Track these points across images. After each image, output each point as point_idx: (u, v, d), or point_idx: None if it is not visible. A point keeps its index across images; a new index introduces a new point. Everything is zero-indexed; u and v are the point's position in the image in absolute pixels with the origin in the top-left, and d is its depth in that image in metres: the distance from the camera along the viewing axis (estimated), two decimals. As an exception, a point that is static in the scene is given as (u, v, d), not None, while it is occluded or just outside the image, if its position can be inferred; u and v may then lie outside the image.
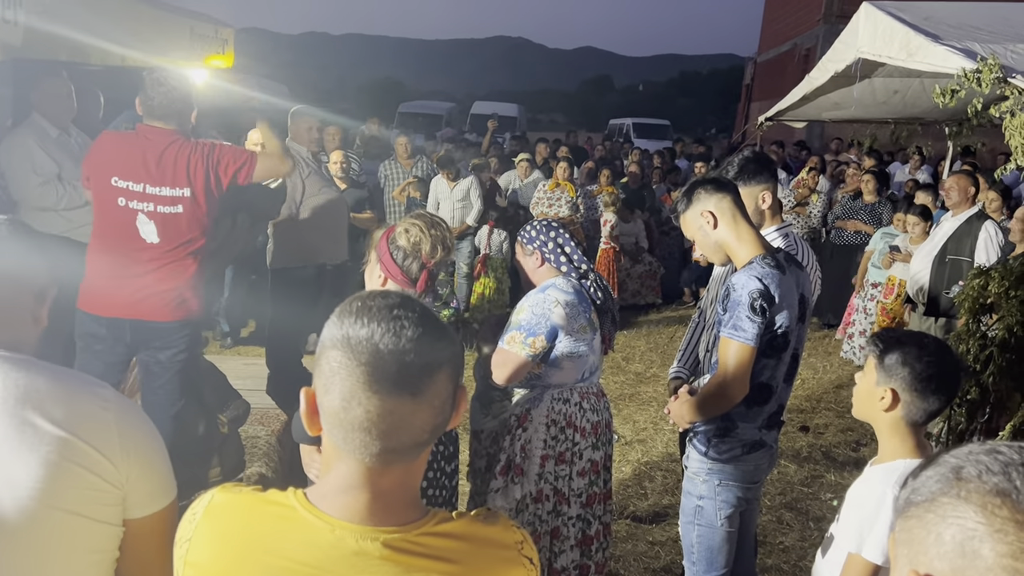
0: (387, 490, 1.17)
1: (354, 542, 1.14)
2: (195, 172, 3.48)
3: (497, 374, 2.99)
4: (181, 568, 1.21)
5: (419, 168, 8.84)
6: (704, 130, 34.32)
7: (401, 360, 1.10)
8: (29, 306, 1.57)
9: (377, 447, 1.12)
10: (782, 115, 8.71)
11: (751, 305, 2.62)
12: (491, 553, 1.22)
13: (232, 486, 1.26)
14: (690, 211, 2.83)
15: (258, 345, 7.16)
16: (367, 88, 69.08)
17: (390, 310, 1.13)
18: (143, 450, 1.50)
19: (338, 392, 1.12)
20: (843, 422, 6.16)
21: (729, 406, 2.73)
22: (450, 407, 1.18)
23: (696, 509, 2.92)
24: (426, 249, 2.47)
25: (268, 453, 4.25)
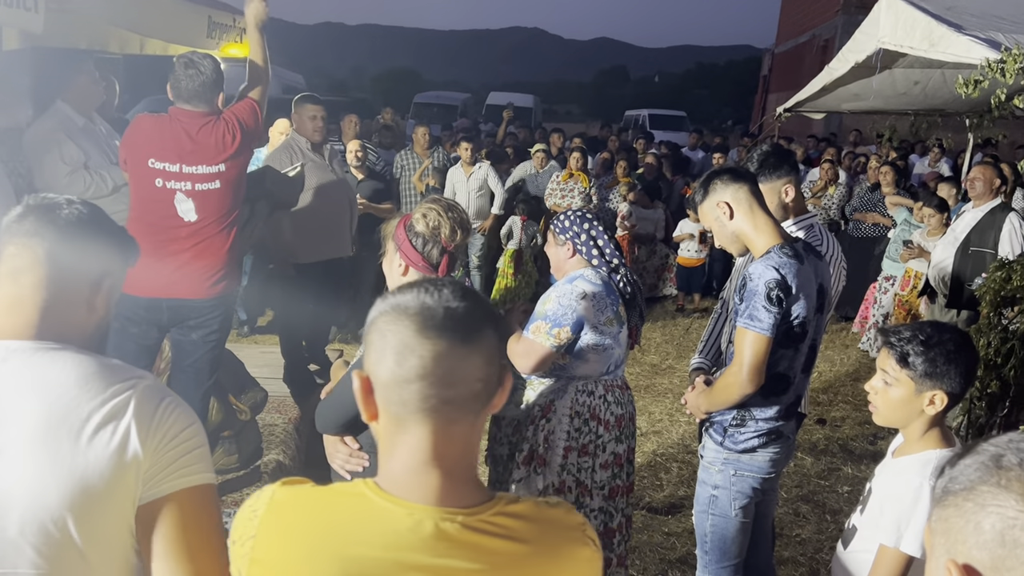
0: (454, 464, 1.19)
1: (433, 525, 1.15)
2: (227, 144, 3.61)
3: (521, 363, 2.98)
4: (245, 566, 1.20)
5: (435, 159, 8.83)
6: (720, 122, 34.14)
7: (447, 307, 1.16)
8: (84, 294, 1.55)
9: (435, 397, 1.15)
10: (801, 106, 8.66)
11: (767, 295, 2.60)
12: (560, 533, 1.24)
13: (290, 481, 1.26)
14: (707, 202, 2.82)
15: (275, 334, 7.18)
16: (382, 78, 69.08)
17: (431, 283, 1.20)
18: (173, 435, 1.48)
19: (391, 350, 1.16)
20: (860, 415, 6.12)
21: (745, 397, 2.72)
22: (498, 370, 1.20)
23: (711, 499, 2.91)
24: (446, 232, 2.45)
25: (285, 441, 4.26)
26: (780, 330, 2.65)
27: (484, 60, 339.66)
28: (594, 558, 1.26)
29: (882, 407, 2.18)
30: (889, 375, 2.13)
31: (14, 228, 1.48)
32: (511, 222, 8.34)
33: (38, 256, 1.48)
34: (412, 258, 2.44)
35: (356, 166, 7.12)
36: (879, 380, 2.17)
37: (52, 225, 1.49)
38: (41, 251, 1.48)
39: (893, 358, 2.11)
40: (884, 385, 2.15)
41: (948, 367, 2.05)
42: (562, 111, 64.50)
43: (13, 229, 1.48)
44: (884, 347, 2.15)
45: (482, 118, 24.86)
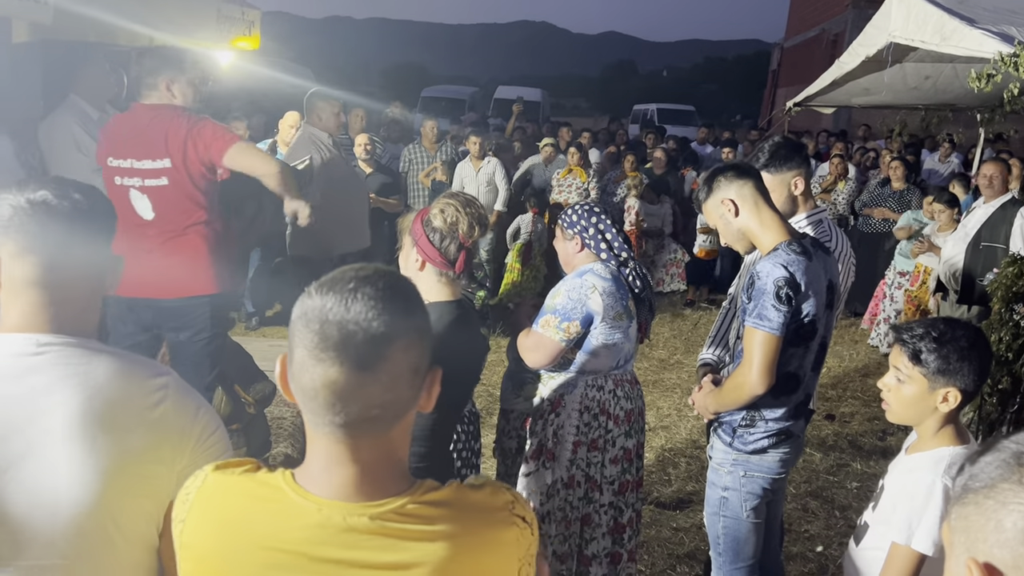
0: (368, 463, 1.17)
1: (342, 519, 1.15)
2: (173, 142, 3.41)
3: (529, 357, 2.98)
4: (178, 549, 1.23)
5: (443, 152, 8.82)
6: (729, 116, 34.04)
7: (345, 331, 1.10)
8: (98, 289, 1.55)
9: (328, 417, 1.13)
10: (811, 100, 8.61)
11: (776, 293, 2.55)
12: (481, 516, 1.22)
13: (224, 465, 1.26)
14: (711, 199, 2.77)
15: (283, 326, 7.19)
16: (390, 72, 69.09)
17: (348, 283, 1.14)
18: (208, 434, 1.50)
19: (296, 359, 1.14)
20: (869, 410, 6.10)
21: (755, 397, 2.67)
22: (408, 386, 1.16)
23: (721, 500, 2.88)
24: (463, 229, 2.44)
25: (293, 434, 4.27)
26: (790, 328, 2.60)
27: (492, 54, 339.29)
28: (521, 537, 1.24)
29: (895, 404, 2.16)
30: (902, 372, 2.11)
31: (33, 230, 1.44)
32: (519, 219, 8.33)
33: (50, 247, 1.45)
34: (429, 254, 2.43)
35: (365, 160, 7.12)
36: (892, 377, 2.15)
37: (63, 228, 1.45)
38: (53, 242, 1.45)
39: (905, 355, 2.09)
40: (897, 382, 2.13)
41: (961, 364, 2.03)
42: (570, 105, 64.39)
43: (17, 225, 1.44)
44: (896, 344, 2.13)
45: (490, 112, 24.80)
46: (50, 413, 1.38)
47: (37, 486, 1.36)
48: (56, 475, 1.37)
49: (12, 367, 1.40)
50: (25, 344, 1.42)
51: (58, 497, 1.37)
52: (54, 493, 1.37)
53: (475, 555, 1.19)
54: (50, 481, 1.37)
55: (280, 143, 6.88)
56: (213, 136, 3.44)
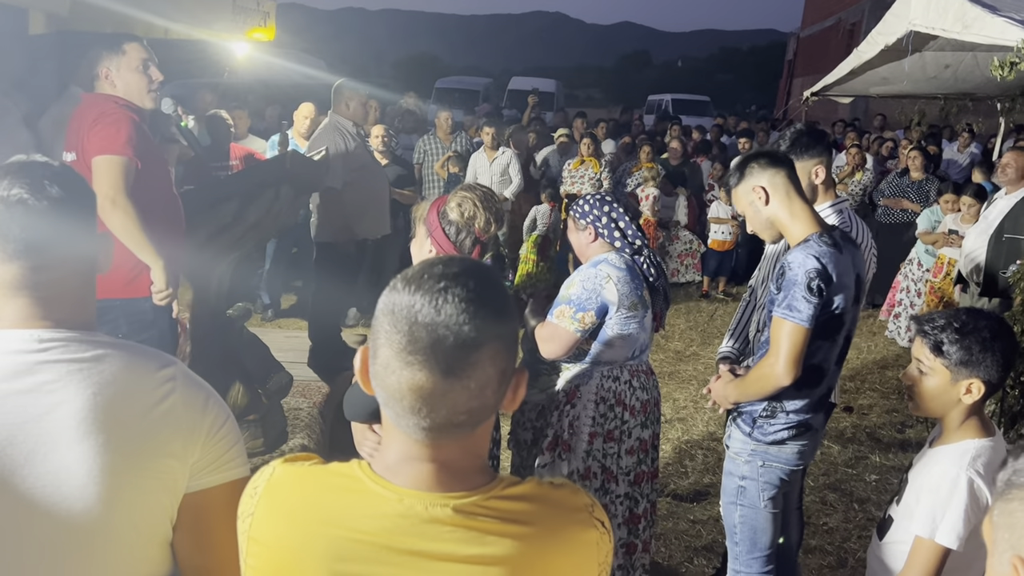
0: (448, 460, 1.14)
1: (424, 510, 1.11)
2: (78, 135, 3.28)
3: (544, 348, 2.96)
4: (245, 543, 1.19)
5: (458, 143, 8.81)
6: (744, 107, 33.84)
7: (435, 335, 1.06)
8: (92, 275, 1.53)
9: (413, 421, 1.10)
10: (828, 90, 8.54)
11: (808, 285, 2.52)
12: (563, 515, 1.18)
13: (292, 458, 1.24)
14: (741, 186, 2.75)
15: (299, 318, 7.21)
16: (404, 64, 69.03)
17: (439, 280, 1.08)
18: (219, 426, 1.48)
19: (381, 358, 1.10)
20: (888, 403, 6.06)
21: (779, 389, 2.65)
22: (495, 391, 1.12)
23: (738, 490, 2.86)
24: (480, 224, 2.43)
25: (310, 425, 4.27)
26: (819, 321, 2.57)
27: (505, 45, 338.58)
28: (601, 541, 1.21)
29: (918, 397, 2.14)
30: (924, 364, 2.09)
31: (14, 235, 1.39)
32: (535, 210, 8.31)
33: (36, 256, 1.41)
34: (444, 246, 2.41)
35: (381, 151, 7.10)
36: (914, 369, 2.13)
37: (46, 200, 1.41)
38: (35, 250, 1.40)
39: (927, 347, 2.06)
40: (919, 374, 2.11)
41: (984, 355, 2.00)
42: (584, 96, 64.20)
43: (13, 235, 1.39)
44: (918, 336, 2.10)
45: (504, 103, 24.75)
46: (56, 410, 1.36)
47: (49, 485, 1.35)
48: (67, 473, 1.35)
49: (15, 364, 1.37)
50: (26, 340, 1.39)
51: (70, 495, 1.35)
52: (66, 491, 1.35)
53: (557, 553, 1.15)
54: (61, 479, 1.35)
55: (295, 134, 6.88)
56: (99, 138, 3.22)
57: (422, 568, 1.10)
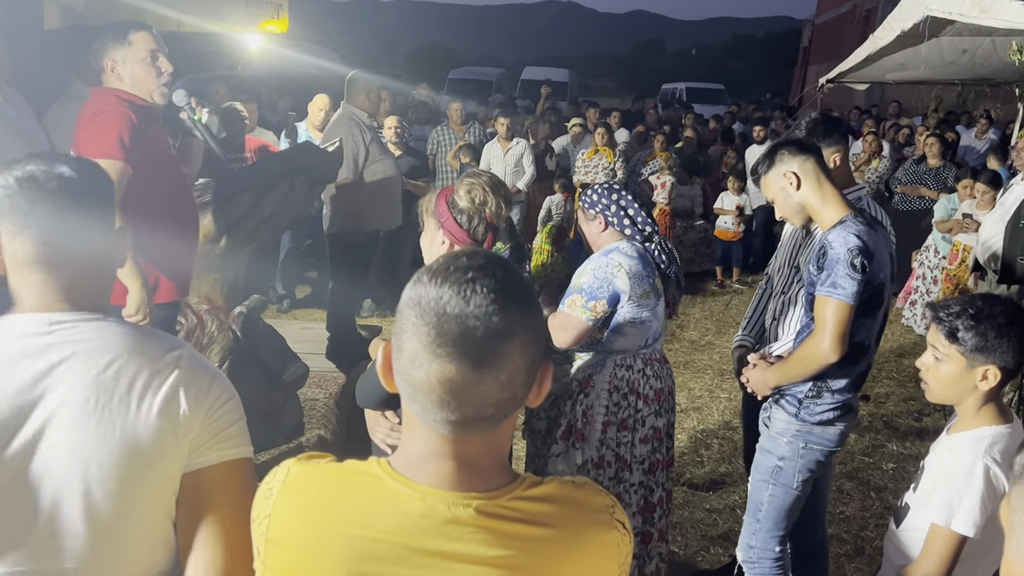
0: (471, 456, 1.13)
1: (446, 509, 1.09)
2: (75, 132, 3.12)
3: (557, 337, 2.96)
4: (262, 546, 1.18)
5: (471, 134, 8.80)
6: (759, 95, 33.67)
7: (464, 326, 1.04)
8: (108, 262, 1.56)
9: (441, 415, 1.08)
10: (844, 77, 8.47)
11: (851, 262, 2.55)
12: (585, 517, 1.17)
13: (307, 457, 1.23)
14: (772, 172, 2.78)
15: (314, 309, 7.24)
16: (416, 54, 68.99)
17: (466, 272, 1.07)
18: (219, 405, 1.49)
19: (407, 352, 1.08)
20: (905, 391, 6.03)
21: (826, 367, 2.66)
22: (523, 384, 1.10)
23: (775, 469, 2.86)
24: (492, 209, 2.42)
25: (326, 416, 4.29)
26: (862, 298, 2.59)
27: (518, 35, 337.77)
28: (622, 542, 1.19)
29: (934, 384, 2.13)
30: (939, 351, 2.07)
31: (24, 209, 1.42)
32: (549, 200, 8.30)
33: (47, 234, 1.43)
34: (457, 236, 2.40)
35: (395, 142, 7.11)
36: (930, 356, 2.12)
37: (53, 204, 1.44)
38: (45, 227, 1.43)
39: (942, 333, 2.05)
40: (935, 361, 2.10)
41: (1000, 341, 1.99)
42: (597, 85, 63.96)
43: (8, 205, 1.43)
44: (933, 322, 2.09)
45: (518, 93, 24.70)
46: (62, 393, 1.38)
47: (56, 467, 1.37)
48: (73, 454, 1.38)
49: (23, 348, 1.40)
50: (36, 324, 1.42)
51: (77, 476, 1.38)
52: (73, 472, 1.38)
53: (578, 555, 1.14)
54: (68, 460, 1.38)
55: (309, 126, 6.89)
56: (90, 139, 3.03)
57: (444, 569, 1.09)
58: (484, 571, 1.09)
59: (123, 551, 1.45)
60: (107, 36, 3.17)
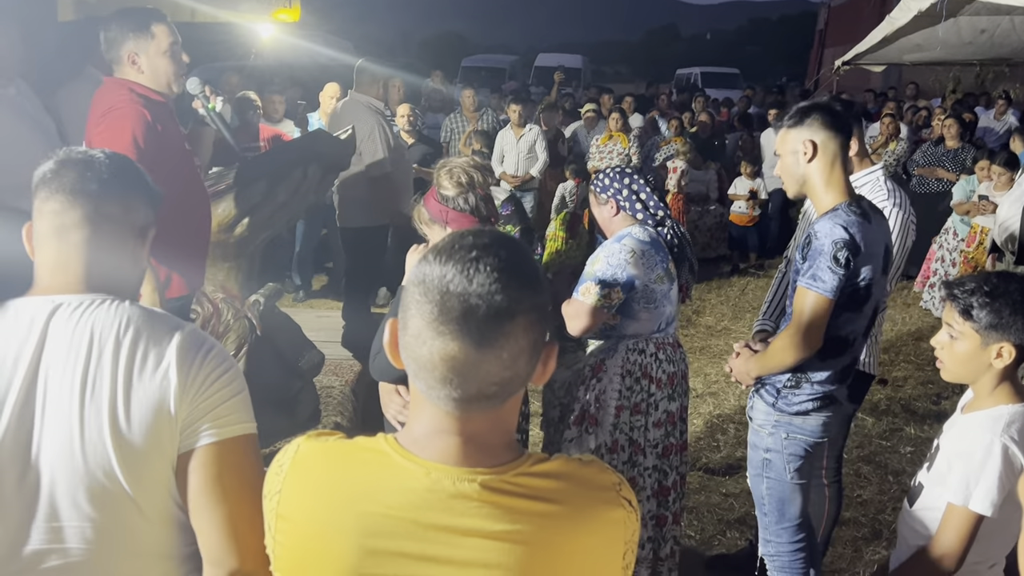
0: (476, 433, 1.14)
1: (451, 484, 1.11)
2: (87, 127, 3.05)
3: (571, 325, 2.95)
4: (273, 521, 1.20)
5: (484, 121, 8.78)
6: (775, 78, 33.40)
7: (467, 304, 1.05)
8: (130, 245, 1.57)
9: (444, 392, 1.09)
10: (860, 59, 8.41)
11: (834, 256, 2.49)
12: (590, 494, 1.18)
13: (317, 434, 1.24)
14: (795, 131, 2.65)
15: (330, 298, 7.26)
16: (430, 43, 68.83)
17: (470, 251, 1.08)
18: (211, 381, 1.49)
19: (411, 328, 1.09)
20: (923, 374, 5.99)
21: (800, 360, 2.63)
22: (527, 363, 1.11)
23: (764, 462, 2.86)
24: (479, 179, 2.43)
25: (342, 403, 4.31)
26: (845, 292, 2.55)
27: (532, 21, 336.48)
28: (628, 520, 1.20)
29: (948, 362, 2.11)
30: (954, 329, 2.06)
31: (54, 184, 1.49)
32: (562, 187, 8.27)
33: (85, 213, 1.49)
34: (464, 221, 2.40)
35: (407, 131, 7.11)
36: (944, 334, 2.10)
37: (95, 181, 1.50)
38: (87, 208, 1.49)
39: (957, 311, 2.04)
40: (949, 339, 2.08)
41: (1015, 318, 1.97)
42: (611, 72, 63.60)
43: (53, 185, 1.48)
44: (948, 300, 2.08)
45: (531, 80, 24.62)
46: (58, 375, 1.41)
47: (59, 447, 1.40)
48: (69, 434, 1.40)
49: (27, 330, 1.43)
50: (42, 306, 1.45)
51: (73, 456, 1.40)
52: (67, 452, 1.40)
53: (583, 532, 1.15)
54: (65, 439, 1.40)
55: (321, 115, 6.90)
56: (103, 137, 2.96)
57: (450, 543, 1.10)
58: (489, 545, 1.10)
59: (126, 531, 1.46)
60: (125, 26, 3.08)
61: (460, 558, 1.10)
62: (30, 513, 1.41)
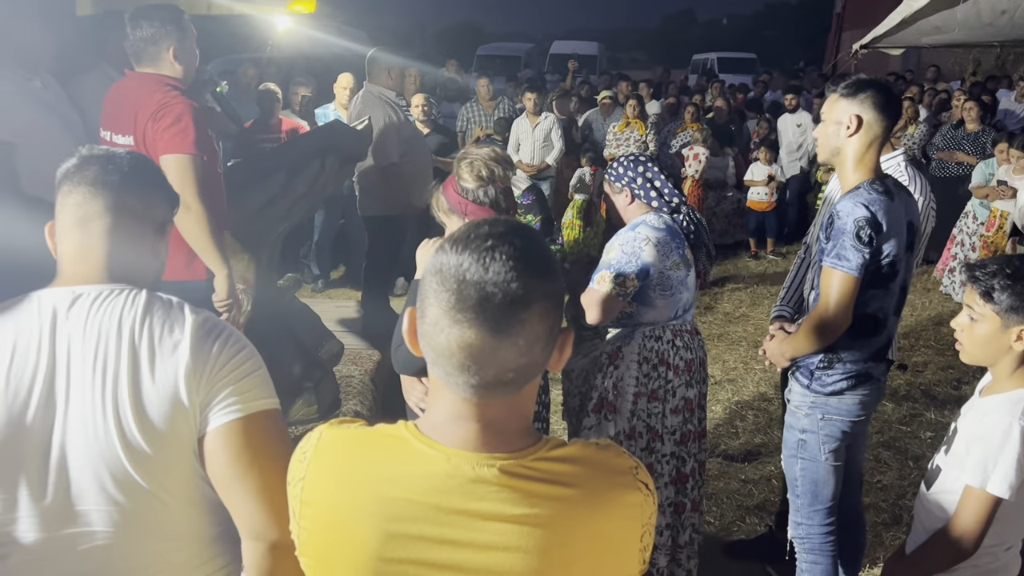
0: (494, 419, 1.16)
1: (470, 469, 1.13)
2: (140, 119, 3.12)
3: (588, 314, 2.96)
4: (297, 507, 1.22)
5: (500, 110, 8.78)
6: (792, 63, 33.10)
7: (483, 292, 1.07)
8: (150, 239, 1.60)
9: (462, 378, 1.11)
10: (878, 42, 8.30)
11: (856, 234, 2.51)
12: (608, 478, 1.19)
13: (339, 422, 1.26)
14: (845, 102, 2.65)
15: (348, 288, 7.30)
16: (445, 32, 68.59)
17: (486, 240, 1.10)
18: (225, 361, 1.51)
19: (429, 317, 1.11)
20: (943, 359, 5.96)
21: (831, 339, 2.65)
22: (543, 349, 1.13)
23: (799, 443, 2.86)
24: (499, 172, 2.44)
25: (362, 391, 4.34)
26: (869, 270, 2.57)
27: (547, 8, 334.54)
28: (645, 503, 1.21)
29: (968, 344, 2.11)
30: (974, 311, 2.06)
31: (76, 177, 1.53)
32: (580, 173, 8.25)
33: (106, 204, 1.52)
34: (483, 215, 2.42)
35: (422, 120, 7.12)
36: (965, 316, 2.10)
37: (117, 174, 1.54)
38: (109, 199, 1.52)
39: (977, 293, 2.04)
40: (970, 322, 2.08)
41: None
42: (627, 58, 63.12)
43: (75, 178, 1.52)
44: (968, 282, 2.07)
45: (547, 68, 24.54)
46: (77, 365, 1.44)
47: (82, 434, 1.44)
48: (89, 422, 1.43)
49: (50, 321, 1.47)
50: (63, 297, 1.49)
51: (93, 443, 1.43)
52: (88, 440, 1.43)
53: (600, 515, 1.17)
54: (83, 428, 1.43)
55: (337, 105, 6.91)
56: (168, 129, 3.07)
57: (469, 527, 1.12)
58: (508, 528, 1.12)
59: (152, 514, 1.50)
60: (166, 22, 3.16)
61: (480, 541, 1.12)
62: (58, 498, 1.44)
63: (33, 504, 1.43)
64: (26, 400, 1.42)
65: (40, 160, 3.21)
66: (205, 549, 1.57)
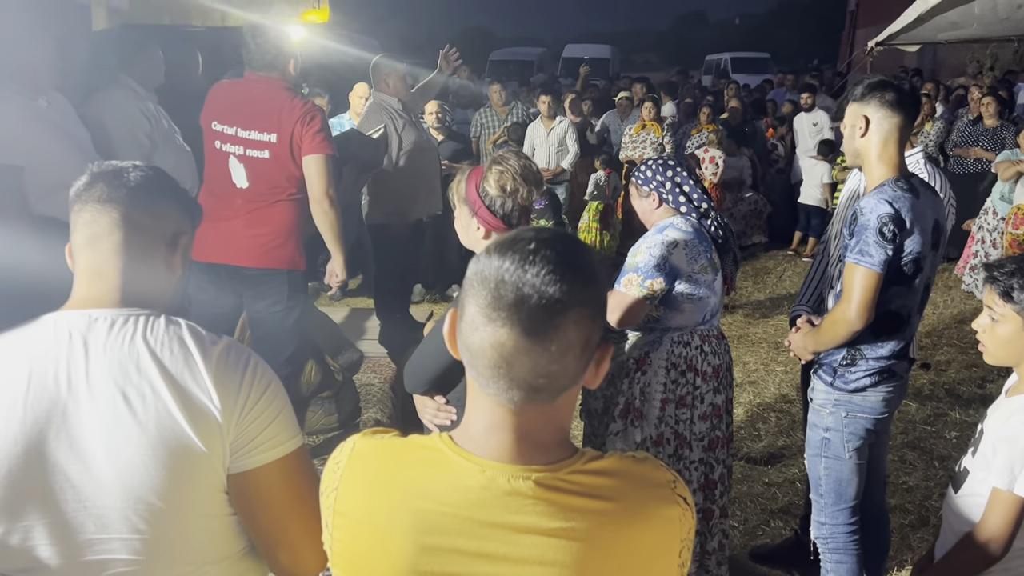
0: (530, 430, 1.14)
1: (506, 482, 1.11)
2: (286, 120, 3.47)
3: (612, 317, 2.93)
4: (330, 518, 1.21)
5: (514, 114, 8.78)
6: (806, 62, 32.99)
7: (519, 293, 1.06)
8: (162, 253, 1.58)
9: (493, 380, 1.10)
10: (894, 39, 8.24)
11: (879, 230, 2.51)
12: (645, 491, 1.17)
13: (372, 432, 1.25)
14: (855, 105, 2.70)
15: (366, 296, 7.31)
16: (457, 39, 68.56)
17: (529, 243, 1.09)
18: (255, 399, 1.48)
19: (467, 316, 1.11)
20: (967, 358, 5.89)
21: (853, 335, 2.63)
22: (576, 358, 1.10)
23: (823, 441, 2.84)
24: (523, 194, 2.40)
25: (382, 400, 4.34)
26: (892, 267, 2.56)
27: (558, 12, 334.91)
28: (684, 518, 1.19)
29: (990, 345, 2.09)
30: (995, 311, 2.04)
31: (85, 196, 1.51)
32: (595, 178, 8.24)
33: (114, 220, 1.50)
34: (492, 223, 2.38)
35: (436, 127, 7.12)
36: (986, 317, 2.08)
37: (123, 189, 1.52)
38: (116, 215, 1.50)
39: (997, 293, 2.02)
40: (991, 322, 2.06)
41: None
42: (640, 60, 63.10)
43: (84, 197, 1.51)
44: (987, 282, 2.06)
45: (559, 72, 24.55)
46: (98, 394, 1.41)
47: (105, 465, 1.40)
48: (112, 455, 1.40)
49: (66, 346, 1.43)
50: (78, 321, 1.46)
51: (116, 476, 1.40)
52: (111, 472, 1.40)
53: (638, 530, 1.15)
54: (106, 460, 1.40)
55: (352, 115, 6.92)
56: (316, 134, 3.49)
57: (505, 540, 1.10)
58: (545, 542, 1.10)
59: (175, 543, 1.47)
60: (280, 36, 3.59)
61: (516, 555, 1.10)
62: (78, 527, 1.42)
63: (54, 532, 1.41)
64: (44, 428, 1.39)
65: (48, 180, 3.28)
66: (236, 565, 1.56)
